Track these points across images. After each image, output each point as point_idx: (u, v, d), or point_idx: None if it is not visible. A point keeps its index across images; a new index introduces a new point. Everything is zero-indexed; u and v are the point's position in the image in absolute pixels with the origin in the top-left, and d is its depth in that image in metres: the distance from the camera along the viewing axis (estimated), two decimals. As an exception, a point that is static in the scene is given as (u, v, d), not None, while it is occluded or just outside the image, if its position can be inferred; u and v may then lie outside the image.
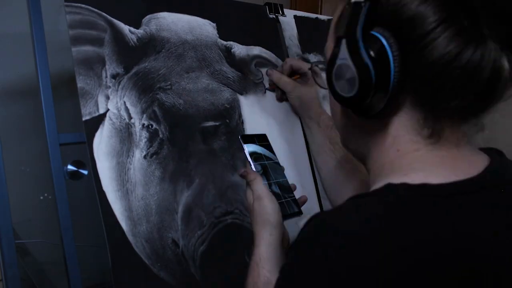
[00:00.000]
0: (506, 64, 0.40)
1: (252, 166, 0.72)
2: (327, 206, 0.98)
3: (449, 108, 0.42)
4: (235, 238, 0.79)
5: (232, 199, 0.81)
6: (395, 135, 0.46)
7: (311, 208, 0.91)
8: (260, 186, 0.68)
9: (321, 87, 0.61)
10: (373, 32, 0.41)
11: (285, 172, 0.78)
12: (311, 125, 0.88)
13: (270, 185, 0.72)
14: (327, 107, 0.85)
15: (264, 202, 0.66)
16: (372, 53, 0.41)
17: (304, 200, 0.77)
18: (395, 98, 0.43)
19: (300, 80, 0.89)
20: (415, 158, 0.45)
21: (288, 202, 0.73)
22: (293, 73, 0.91)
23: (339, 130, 0.56)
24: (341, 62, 0.44)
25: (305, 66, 0.88)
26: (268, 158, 0.77)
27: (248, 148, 0.74)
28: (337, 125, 0.55)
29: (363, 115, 0.46)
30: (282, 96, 0.93)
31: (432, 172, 0.43)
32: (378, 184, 0.45)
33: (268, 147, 0.79)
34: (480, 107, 0.43)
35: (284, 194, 0.73)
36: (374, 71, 0.41)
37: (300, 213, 0.74)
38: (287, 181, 0.75)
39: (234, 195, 0.81)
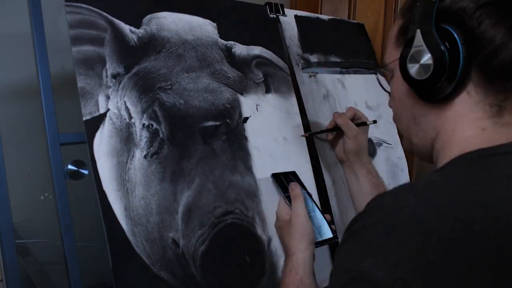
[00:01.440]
0: None
1: (283, 197, 0.80)
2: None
3: (508, 82, 0.48)
4: (235, 238, 0.79)
5: (232, 199, 0.81)
6: (463, 113, 0.51)
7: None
8: (302, 205, 0.76)
9: (384, 90, 0.66)
10: (442, 25, 0.48)
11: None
12: (360, 172, 0.92)
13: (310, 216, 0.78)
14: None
15: (303, 220, 0.74)
16: (445, 41, 0.48)
17: (328, 219, 0.82)
18: (462, 80, 0.48)
19: (361, 129, 0.93)
20: (483, 137, 0.49)
21: (322, 227, 0.79)
22: (352, 120, 0.94)
23: (404, 127, 0.60)
24: (416, 49, 0.50)
25: (366, 118, 0.94)
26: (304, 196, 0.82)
27: (279, 184, 0.82)
28: (403, 122, 0.60)
29: (431, 99, 0.52)
30: (333, 141, 0.98)
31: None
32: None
33: (300, 181, 0.86)
34: None
35: (320, 224, 0.79)
36: (449, 56, 0.47)
37: (335, 238, 0.79)
38: (321, 213, 0.82)
39: (235, 195, 0.81)
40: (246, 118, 0.88)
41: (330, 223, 0.82)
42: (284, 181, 0.83)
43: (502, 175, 0.43)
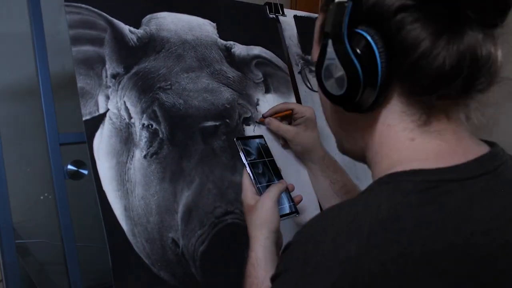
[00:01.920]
0: (487, 49, 0.41)
1: (248, 169, 0.72)
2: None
3: (433, 94, 0.43)
4: (235, 238, 0.79)
5: (232, 199, 0.81)
6: (389, 124, 0.47)
7: (310, 208, 0.91)
8: (277, 191, 0.69)
9: (310, 89, 0.62)
10: (358, 30, 0.42)
11: (283, 172, 0.78)
12: (315, 171, 0.88)
13: (267, 186, 0.72)
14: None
15: (269, 206, 0.67)
16: (358, 50, 0.42)
17: (299, 200, 0.78)
18: (384, 91, 0.44)
19: (300, 126, 0.86)
20: (412, 148, 0.45)
21: (284, 202, 0.74)
22: (291, 117, 0.88)
23: (333, 131, 0.56)
24: (329, 62, 0.45)
25: (308, 111, 0.86)
26: (264, 159, 0.77)
27: (244, 149, 0.74)
28: (332, 127, 0.56)
29: (355, 111, 0.47)
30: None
31: (429, 162, 0.43)
32: (382, 173, 0.45)
33: (265, 147, 0.79)
34: (466, 90, 0.43)
35: (283, 198, 0.74)
36: (361, 68, 0.42)
37: (296, 212, 0.74)
38: (284, 181, 0.76)
39: (234, 195, 0.81)
40: (246, 118, 0.88)
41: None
42: (249, 147, 0.76)
43: (457, 210, 0.39)
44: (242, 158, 0.74)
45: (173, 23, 0.84)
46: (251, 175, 0.72)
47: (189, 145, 0.78)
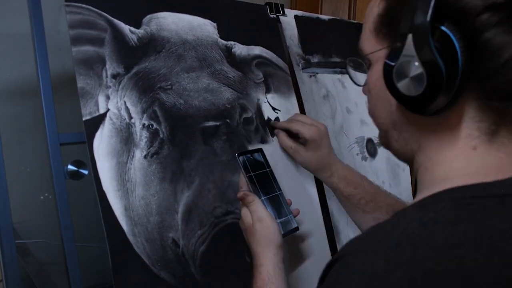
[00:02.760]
0: None
1: (249, 186, 0.74)
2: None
3: (509, 102, 0.40)
4: (235, 238, 0.79)
5: (232, 199, 0.81)
6: (453, 128, 0.43)
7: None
8: (260, 208, 0.69)
9: (357, 84, 0.59)
10: (441, 27, 0.39)
11: (283, 185, 0.79)
12: (336, 187, 0.83)
13: (267, 200, 0.74)
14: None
15: (266, 223, 0.67)
16: (440, 49, 0.39)
17: (296, 214, 0.78)
18: (459, 94, 0.40)
19: (307, 148, 0.83)
20: (472, 158, 0.43)
21: (285, 220, 0.75)
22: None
23: (382, 128, 0.52)
24: (405, 59, 0.41)
25: (316, 133, 0.82)
26: (264, 173, 0.78)
27: (243, 164, 0.75)
28: (381, 125, 0.52)
29: (422, 113, 0.43)
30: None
31: (486, 176, 0.41)
32: (429, 188, 0.43)
33: (265, 160, 0.80)
34: None
35: (282, 211, 0.75)
36: (445, 68, 0.39)
37: (297, 229, 0.76)
38: (284, 198, 0.77)
39: (235, 195, 0.81)
40: (247, 118, 0.88)
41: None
42: (250, 163, 0.77)
43: (494, 227, 0.37)
44: (243, 175, 0.75)
45: (173, 23, 0.84)
46: (251, 189, 0.73)
47: (190, 145, 0.78)
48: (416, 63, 0.40)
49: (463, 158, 0.43)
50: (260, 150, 0.81)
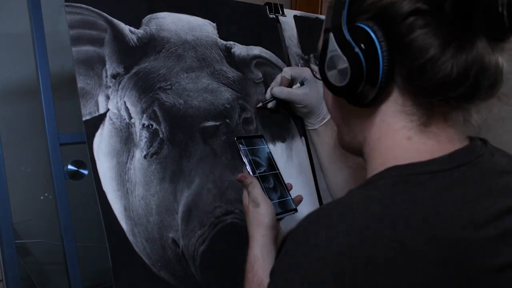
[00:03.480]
0: (494, 60, 0.42)
1: (248, 168, 0.73)
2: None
3: (436, 98, 0.44)
4: (235, 238, 0.79)
5: (232, 198, 0.81)
6: (389, 121, 0.47)
7: (310, 207, 0.91)
8: (256, 190, 0.70)
9: (318, 78, 0.62)
10: (358, 24, 0.44)
11: (283, 172, 0.79)
12: (320, 131, 0.87)
13: (267, 184, 0.73)
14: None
15: (259, 205, 0.69)
16: (360, 42, 0.43)
17: (299, 200, 0.79)
18: (385, 85, 0.45)
19: (304, 87, 0.87)
20: (407, 147, 0.46)
21: (283, 201, 0.74)
22: (292, 82, 0.89)
23: (335, 122, 0.57)
24: (332, 54, 0.46)
25: (306, 71, 0.88)
26: (264, 157, 0.78)
27: (243, 149, 0.75)
28: (334, 119, 0.57)
29: (356, 104, 0.48)
30: (276, 107, 0.91)
31: (421, 159, 0.44)
32: (373, 172, 0.46)
33: (265, 146, 0.80)
34: (469, 98, 0.44)
35: (281, 192, 0.75)
36: (364, 59, 0.43)
37: (295, 210, 0.75)
38: (283, 179, 0.78)
39: (234, 194, 0.81)
40: (246, 118, 0.88)
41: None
42: (250, 146, 0.78)
43: (426, 199, 0.41)
44: (243, 158, 0.75)
45: (173, 23, 0.84)
46: (250, 173, 0.73)
47: (189, 145, 0.78)
48: (341, 57, 0.45)
49: (400, 147, 0.47)
50: (261, 136, 0.82)
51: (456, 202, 0.41)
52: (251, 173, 0.73)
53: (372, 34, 0.42)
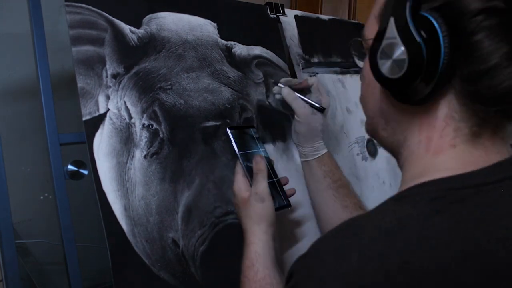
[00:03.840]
0: None
1: (240, 160, 0.72)
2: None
3: (493, 109, 0.40)
4: (235, 238, 0.79)
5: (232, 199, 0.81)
6: (435, 125, 0.44)
7: (307, 205, 0.91)
8: (265, 182, 0.68)
9: (357, 65, 0.59)
10: (422, 12, 0.39)
11: (276, 165, 0.78)
12: (310, 160, 0.85)
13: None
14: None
15: (264, 200, 0.67)
16: (422, 32, 0.39)
17: (291, 193, 0.78)
18: (441, 85, 0.41)
19: (313, 110, 0.84)
20: (451, 156, 0.43)
21: (277, 196, 0.74)
22: (303, 90, 0.87)
23: (370, 116, 0.52)
24: (388, 42, 0.42)
25: (326, 99, 0.84)
26: (258, 149, 0.77)
27: (235, 140, 0.74)
28: (370, 110, 0.52)
29: (405, 100, 0.43)
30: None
31: (462, 170, 0.41)
32: (408, 183, 0.43)
33: (258, 138, 0.80)
34: None
35: (274, 188, 0.74)
36: (426, 50, 0.39)
37: (289, 205, 0.75)
38: (276, 174, 0.77)
39: (235, 195, 0.81)
40: (247, 118, 0.88)
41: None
42: (242, 137, 0.76)
43: (470, 218, 0.37)
44: (235, 149, 0.74)
45: (173, 23, 0.83)
46: (243, 167, 0.72)
47: (190, 145, 0.78)
48: (399, 45, 0.41)
49: (443, 155, 0.43)
50: (252, 127, 0.82)
51: (501, 222, 0.37)
52: (243, 166, 0.72)
53: (437, 26, 0.38)
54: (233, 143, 0.74)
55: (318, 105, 0.84)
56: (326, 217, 0.83)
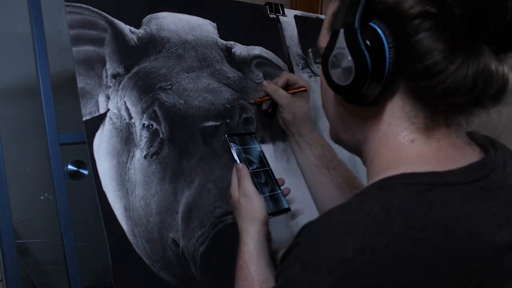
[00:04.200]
0: (502, 70, 0.41)
1: (238, 163, 0.73)
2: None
3: (440, 104, 0.43)
4: (236, 238, 0.79)
5: (232, 199, 0.81)
6: (390, 122, 0.47)
7: (306, 205, 0.91)
8: (248, 183, 0.70)
9: (315, 74, 0.62)
10: (370, 23, 0.43)
11: (275, 170, 0.79)
12: (302, 143, 0.87)
13: (259, 179, 0.74)
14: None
15: (251, 199, 0.68)
16: (368, 42, 0.42)
17: (286, 193, 0.79)
18: (389, 87, 0.44)
19: (296, 95, 0.86)
20: (411, 150, 0.46)
21: (276, 197, 0.75)
22: (287, 87, 0.88)
23: (330, 121, 0.56)
24: (338, 52, 0.45)
25: (302, 81, 0.87)
26: (255, 155, 0.78)
27: (235, 148, 0.76)
28: (330, 116, 0.56)
29: (358, 103, 0.47)
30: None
31: (426, 165, 0.44)
32: (377, 176, 0.45)
33: (256, 141, 0.80)
34: (474, 105, 0.43)
35: (271, 187, 0.75)
36: (370, 60, 0.42)
37: (288, 209, 0.76)
38: (274, 175, 0.78)
39: (235, 195, 0.81)
40: (247, 118, 0.88)
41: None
42: (240, 143, 0.77)
43: (451, 210, 0.40)
44: (234, 155, 0.75)
45: (173, 23, 0.84)
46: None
47: (190, 145, 0.78)
48: (347, 55, 0.44)
49: (404, 149, 0.46)
50: (251, 133, 0.82)
51: (477, 221, 0.40)
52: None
53: (381, 33, 0.42)
54: (232, 149, 0.75)
55: (298, 88, 0.86)
56: (322, 198, 0.85)
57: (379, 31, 0.42)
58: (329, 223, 0.42)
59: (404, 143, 0.46)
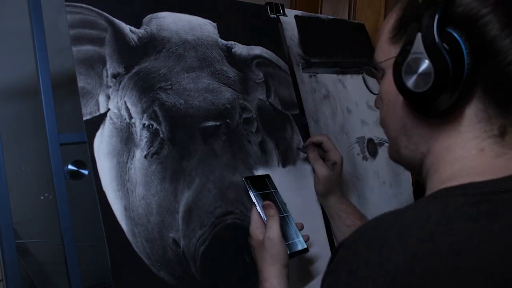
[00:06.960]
0: None
1: (258, 208, 0.75)
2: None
3: None
4: (236, 238, 0.79)
5: (232, 199, 0.81)
6: (460, 130, 0.45)
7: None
8: (276, 226, 0.71)
9: (371, 92, 0.61)
10: (448, 29, 0.42)
11: (291, 210, 0.80)
12: (332, 214, 0.91)
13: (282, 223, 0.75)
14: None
15: (276, 245, 0.70)
16: (445, 45, 0.41)
17: (306, 239, 0.80)
18: (466, 93, 0.43)
19: (329, 167, 0.89)
20: (480, 159, 0.44)
21: (294, 242, 0.77)
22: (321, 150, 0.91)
23: (392, 138, 0.54)
24: (413, 57, 0.43)
25: (335, 154, 0.89)
26: (271, 196, 0.80)
27: (253, 191, 0.78)
28: (392, 131, 0.54)
29: (429, 113, 0.45)
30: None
31: (493, 174, 0.42)
32: (437, 188, 0.44)
33: (271, 184, 0.82)
34: None
35: (290, 235, 0.77)
36: (452, 65, 0.41)
37: (306, 250, 0.78)
38: (293, 221, 0.79)
39: (235, 195, 0.81)
40: (247, 119, 0.88)
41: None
42: (258, 186, 0.80)
43: (506, 224, 0.37)
44: (252, 197, 0.77)
45: (173, 23, 0.83)
46: (260, 211, 0.75)
47: (190, 145, 0.78)
48: (425, 60, 0.42)
49: (472, 159, 0.44)
50: (267, 176, 0.84)
51: None
52: (260, 211, 0.75)
53: (458, 38, 0.41)
54: (250, 191, 0.78)
55: (330, 163, 0.90)
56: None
57: (456, 35, 0.41)
58: (379, 232, 0.40)
59: (472, 153, 0.44)
